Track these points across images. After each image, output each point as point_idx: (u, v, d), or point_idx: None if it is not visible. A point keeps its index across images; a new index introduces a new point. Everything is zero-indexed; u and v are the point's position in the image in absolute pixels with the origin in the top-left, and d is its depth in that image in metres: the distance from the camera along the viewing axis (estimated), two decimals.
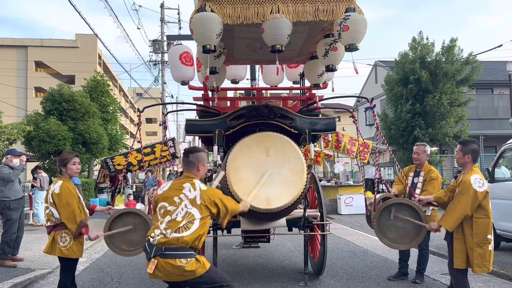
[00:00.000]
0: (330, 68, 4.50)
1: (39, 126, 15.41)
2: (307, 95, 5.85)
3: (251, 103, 6.06)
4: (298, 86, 6.29)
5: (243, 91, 7.26)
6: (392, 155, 5.37)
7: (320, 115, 5.60)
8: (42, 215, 9.93)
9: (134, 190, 19.63)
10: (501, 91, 22.99)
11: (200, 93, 5.68)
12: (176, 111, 18.19)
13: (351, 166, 21.11)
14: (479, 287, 5.15)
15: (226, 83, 6.13)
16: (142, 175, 21.10)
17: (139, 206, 15.16)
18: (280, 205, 4.26)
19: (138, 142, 5.19)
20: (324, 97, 5.69)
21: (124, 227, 4.04)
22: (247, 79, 9.07)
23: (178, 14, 25.35)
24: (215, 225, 5.04)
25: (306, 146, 5.19)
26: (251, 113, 4.86)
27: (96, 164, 20.43)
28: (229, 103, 6.12)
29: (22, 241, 7.01)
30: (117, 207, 9.34)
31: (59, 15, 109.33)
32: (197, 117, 5.55)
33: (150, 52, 23.52)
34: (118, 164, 13.68)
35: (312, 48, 4.84)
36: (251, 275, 5.85)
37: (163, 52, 23.01)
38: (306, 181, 4.47)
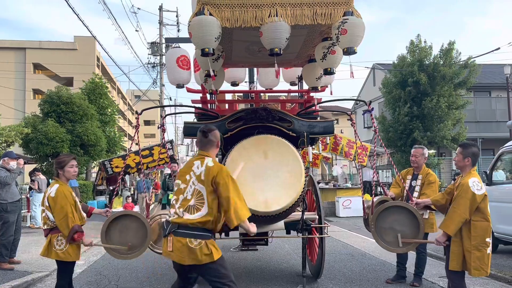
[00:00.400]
0: (328, 71, 4.51)
1: (37, 128, 15.38)
2: (306, 98, 5.86)
3: (250, 106, 6.06)
4: (296, 89, 6.30)
5: (242, 94, 7.27)
6: (390, 158, 5.38)
7: (319, 118, 5.60)
8: (40, 218, 9.92)
9: (132, 193, 19.61)
10: (499, 94, 23.08)
11: (199, 96, 5.69)
12: (175, 114, 18.17)
13: (350, 169, 21.13)
14: None
15: (225, 86, 6.13)
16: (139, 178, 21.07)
17: (137, 209, 15.14)
18: (278, 208, 4.26)
19: (136, 145, 5.19)
20: (323, 100, 5.70)
21: (120, 246, 4.01)
22: (246, 82, 9.09)
23: (177, 17, 25.30)
24: None
25: (304, 149, 5.19)
26: (250, 116, 4.86)
27: (94, 167, 20.40)
28: (228, 106, 6.12)
29: (20, 244, 6.99)
30: (115, 210, 9.34)
31: (58, 18, 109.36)
32: (196, 120, 5.55)
33: (149, 55, 23.54)
34: (116, 167, 13.67)
35: (311, 51, 4.85)
36: (249, 278, 5.85)
37: (162, 55, 23.01)
38: (304, 184, 4.47)
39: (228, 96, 6.72)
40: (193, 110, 5.64)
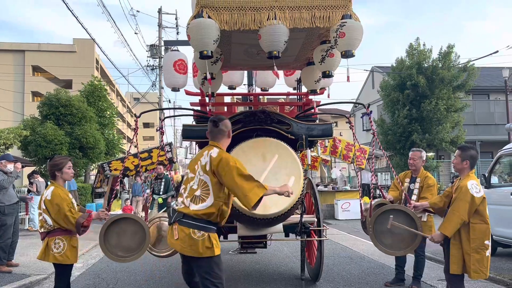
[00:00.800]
0: (327, 74, 4.52)
1: (36, 131, 15.37)
2: (304, 101, 5.87)
3: (248, 109, 6.06)
4: (295, 92, 6.31)
5: (240, 97, 7.27)
6: (389, 161, 5.38)
7: (317, 121, 5.61)
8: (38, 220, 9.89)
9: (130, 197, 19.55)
10: (497, 97, 23.13)
11: (198, 99, 5.69)
12: (174, 117, 18.20)
13: (348, 171, 21.14)
14: None
15: (224, 89, 6.14)
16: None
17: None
18: (277, 211, 4.26)
19: (135, 147, 5.19)
20: (321, 103, 5.71)
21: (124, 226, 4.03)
22: (244, 85, 9.09)
23: (176, 19, 25.37)
24: None
25: (303, 152, 5.19)
26: (248, 119, 4.86)
27: (93, 169, 20.37)
28: (226, 109, 6.12)
29: (18, 247, 6.97)
30: (113, 212, 9.33)
31: (57, 20, 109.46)
32: (194, 123, 5.55)
33: (148, 57, 23.56)
34: (115, 169, 13.65)
35: (309, 54, 4.86)
36: (248, 281, 5.84)
37: (161, 57, 23.03)
38: (303, 187, 4.47)
39: (227, 99, 6.73)
40: (192, 113, 5.65)
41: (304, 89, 5.60)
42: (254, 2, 3.80)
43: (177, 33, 25.01)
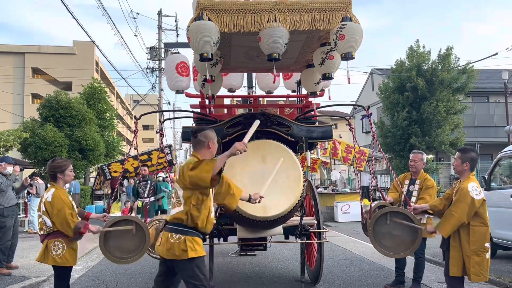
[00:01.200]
0: (327, 77, 4.53)
1: (36, 133, 15.37)
2: (304, 103, 5.88)
3: (248, 111, 6.07)
4: (295, 94, 6.32)
5: (240, 99, 7.28)
6: (388, 163, 5.39)
7: (317, 123, 5.61)
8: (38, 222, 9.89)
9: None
10: (497, 99, 23.16)
11: (197, 101, 5.70)
12: (173, 119, 18.17)
13: (348, 174, 21.14)
14: None
15: (224, 91, 6.15)
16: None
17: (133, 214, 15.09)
18: (277, 213, 4.26)
19: (135, 149, 5.19)
20: (321, 105, 5.72)
21: (126, 226, 4.03)
22: (244, 87, 9.09)
23: (176, 22, 25.35)
24: (211, 233, 5.03)
25: (303, 154, 5.20)
26: (248, 121, 4.85)
27: (93, 171, 20.36)
28: (226, 111, 6.13)
29: (17, 249, 6.96)
30: (113, 215, 9.31)
31: (57, 22, 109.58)
32: (194, 125, 5.55)
33: (148, 59, 23.56)
34: (115, 171, 13.66)
35: (309, 57, 4.87)
36: (248, 283, 5.83)
37: (161, 59, 23.04)
38: (303, 189, 4.47)
39: (227, 101, 6.73)
40: (192, 115, 5.65)
41: (304, 91, 5.61)
42: (254, 5, 3.81)
43: (177, 36, 25.03)
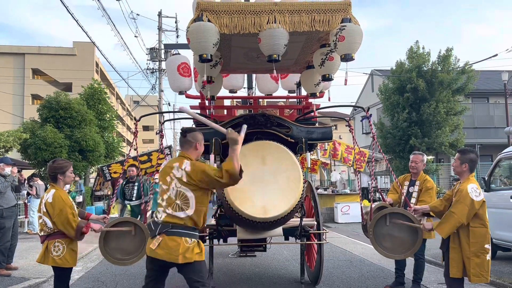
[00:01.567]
0: (326, 78, 4.53)
1: (36, 134, 15.37)
2: (304, 104, 5.87)
3: (248, 112, 6.07)
4: (295, 95, 6.32)
5: (240, 100, 7.28)
6: (388, 164, 5.39)
7: (317, 124, 5.61)
8: (38, 223, 9.88)
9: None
10: (497, 100, 23.15)
11: (197, 102, 5.70)
12: (173, 120, 18.16)
13: (348, 175, 21.14)
14: None
15: (224, 92, 6.15)
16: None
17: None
18: (277, 214, 4.25)
19: (135, 150, 5.19)
20: (321, 106, 5.72)
21: (126, 227, 4.03)
22: (244, 88, 9.09)
23: (176, 23, 25.36)
24: (211, 234, 5.03)
25: (303, 155, 5.20)
26: (248, 122, 4.86)
27: (93, 172, 20.37)
28: (226, 112, 6.13)
29: (17, 250, 6.96)
30: (113, 216, 9.31)
31: (57, 23, 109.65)
32: (194, 126, 5.55)
33: (148, 60, 23.56)
34: (115, 172, 13.64)
35: (309, 58, 4.87)
36: (247, 284, 5.82)
37: (161, 60, 23.04)
38: (303, 190, 4.47)
39: (227, 102, 6.74)
40: (192, 116, 5.64)
41: (304, 92, 5.61)
42: (254, 6, 3.81)
43: (177, 37, 25.03)
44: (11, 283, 5.71)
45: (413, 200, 5.13)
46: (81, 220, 3.84)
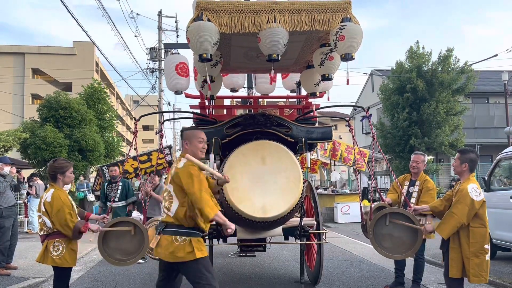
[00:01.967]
0: (326, 77, 4.52)
1: (35, 133, 15.35)
2: (304, 104, 5.87)
3: (248, 112, 6.07)
4: (295, 95, 6.32)
5: (240, 100, 7.27)
6: (388, 164, 5.38)
7: (317, 124, 5.61)
8: (37, 223, 9.87)
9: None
10: (497, 100, 23.15)
11: (197, 101, 5.70)
12: (173, 119, 18.19)
13: (348, 174, 21.12)
14: None
15: (224, 91, 6.14)
16: (138, 183, 20.98)
17: (135, 214, 15.06)
18: (276, 214, 4.25)
19: (135, 150, 5.19)
20: (321, 106, 5.71)
21: (125, 227, 4.03)
22: (244, 87, 9.09)
23: (176, 22, 25.36)
24: (211, 234, 5.02)
25: (303, 155, 5.19)
26: (248, 122, 4.86)
27: (92, 172, 20.34)
28: (226, 112, 6.13)
29: (17, 249, 6.95)
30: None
31: (57, 23, 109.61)
32: (194, 125, 5.55)
33: (148, 60, 23.56)
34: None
35: (309, 57, 4.87)
36: (247, 284, 5.82)
37: (161, 60, 23.03)
38: (303, 190, 4.47)
39: (227, 102, 6.73)
40: (192, 116, 5.65)
41: (304, 92, 5.61)
42: (254, 5, 3.81)
43: (177, 36, 25.02)
44: (11, 283, 5.71)
45: (413, 200, 5.12)
46: (79, 221, 3.84)
